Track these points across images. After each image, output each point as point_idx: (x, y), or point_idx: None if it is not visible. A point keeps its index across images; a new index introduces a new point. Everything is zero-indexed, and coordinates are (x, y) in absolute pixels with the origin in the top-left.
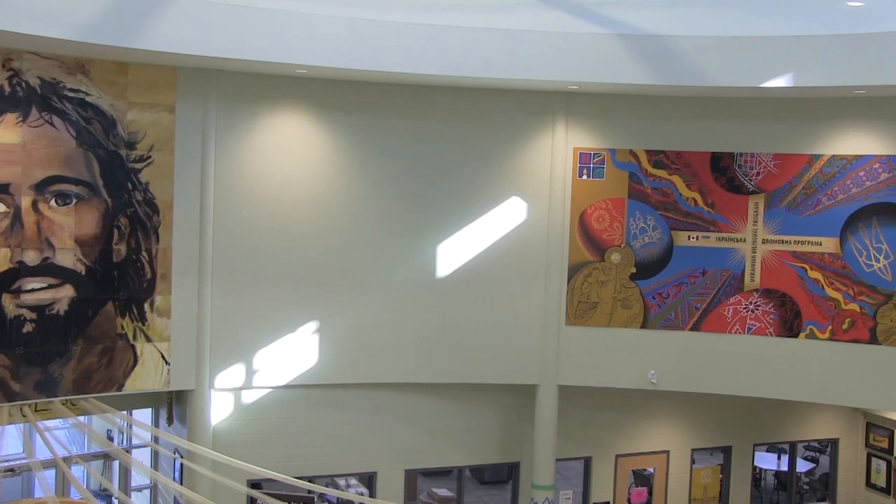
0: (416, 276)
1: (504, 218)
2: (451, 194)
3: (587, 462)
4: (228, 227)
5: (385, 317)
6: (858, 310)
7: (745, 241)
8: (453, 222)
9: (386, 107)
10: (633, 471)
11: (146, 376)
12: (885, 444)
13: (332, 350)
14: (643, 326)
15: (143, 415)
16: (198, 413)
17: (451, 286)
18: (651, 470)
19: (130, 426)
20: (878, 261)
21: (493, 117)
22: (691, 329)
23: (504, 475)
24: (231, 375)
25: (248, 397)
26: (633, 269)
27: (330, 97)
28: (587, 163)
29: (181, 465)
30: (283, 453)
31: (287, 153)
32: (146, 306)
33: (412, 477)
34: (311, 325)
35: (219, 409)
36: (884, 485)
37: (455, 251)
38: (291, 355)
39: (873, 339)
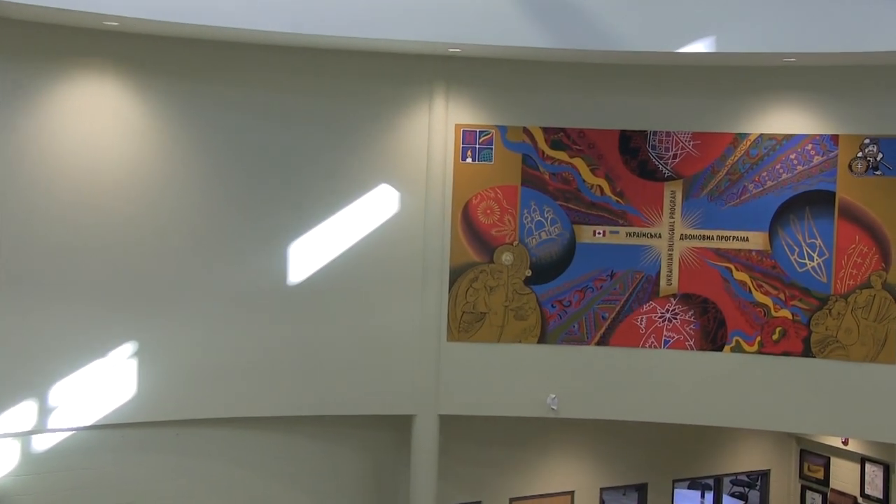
0: (261, 283)
1: (371, 210)
2: (305, 181)
3: None
4: (13, 221)
5: (223, 336)
6: (790, 317)
7: (660, 236)
8: (308, 216)
9: (223, 73)
10: None
11: None
12: (820, 475)
13: (156, 379)
14: (541, 341)
15: None
16: None
17: (305, 295)
18: None
19: None
20: (811, 259)
21: (356, 87)
22: (598, 343)
23: None
24: (17, 416)
25: (42, 444)
26: (528, 272)
27: (151, 59)
28: (472, 143)
29: None
30: None
31: (95, 129)
32: None
33: None
34: (128, 349)
35: (0, 461)
36: None
37: (311, 252)
38: (101, 387)
39: (807, 352)
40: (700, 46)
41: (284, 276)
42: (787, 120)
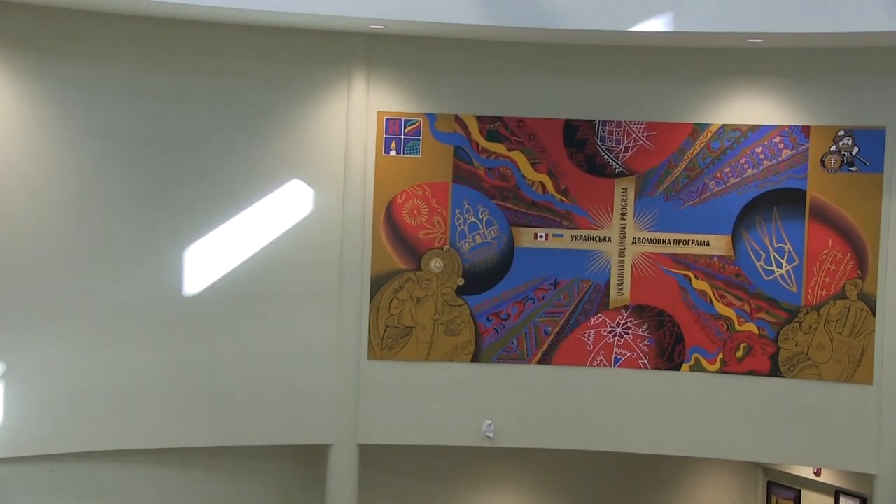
0: (153, 294)
1: (281, 210)
2: (204, 176)
3: None
4: None
5: (107, 355)
6: (756, 331)
7: (610, 240)
8: (208, 217)
9: (107, 50)
10: None
11: None
12: None
13: (24, 407)
14: (475, 360)
15: None
16: None
17: (204, 308)
18: None
19: None
20: (779, 266)
21: (262, 69)
22: (539, 362)
23: None
24: None
25: None
26: (461, 281)
27: (23, 31)
28: (396, 133)
29: None
30: None
31: None
32: None
33: None
34: None
35: None
36: None
37: (211, 258)
38: None
39: (775, 371)
40: (655, 25)
41: (180, 286)
42: (752, 109)
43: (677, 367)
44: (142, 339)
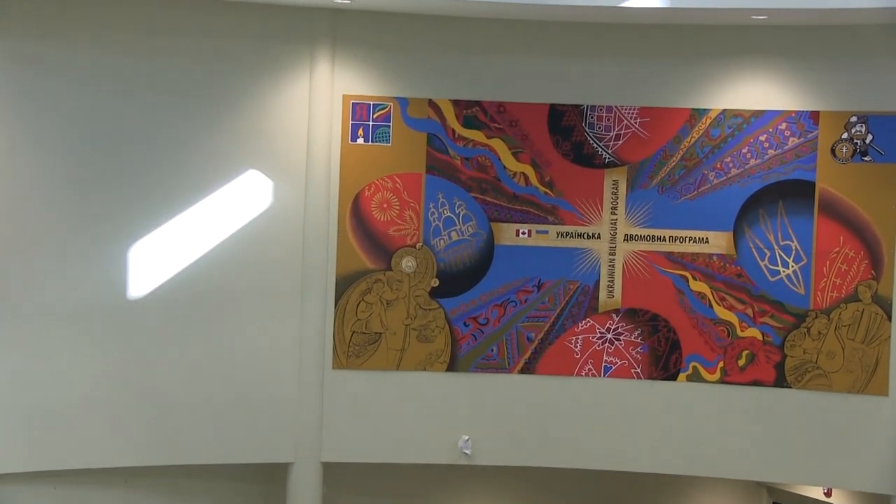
0: (93, 297)
1: (236, 204)
2: (150, 168)
3: None
4: None
5: (42, 365)
6: (760, 337)
7: (599, 237)
8: (155, 211)
9: (37, 25)
10: None
11: None
12: None
13: None
14: (450, 369)
15: None
16: None
17: (151, 312)
18: None
19: None
20: (785, 265)
21: (216, 48)
22: (522, 371)
23: None
24: None
25: None
26: (435, 282)
27: None
28: (364, 119)
29: None
30: None
31: None
32: None
33: None
34: None
35: None
36: None
37: (159, 257)
38: None
39: (780, 381)
40: (650, 0)
41: (123, 288)
42: (756, 93)
43: (673, 377)
44: (81, 348)
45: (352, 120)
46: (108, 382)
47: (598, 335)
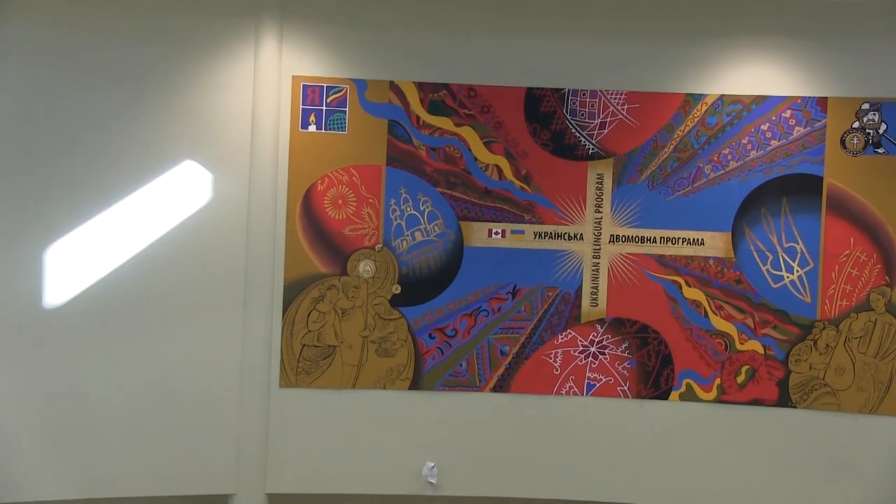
0: (2, 306)
1: (171, 199)
2: (70, 158)
3: None
4: None
5: None
6: (761, 351)
7: (581, 238)
8: (75, 208)
9: None
10: None
11: None
12: None
13: None
14: (414, 387)
15: None
16: None
17: (71, 323)
18: None
19: None
20: (790, 270)
21: (147, 22)
22: (494, 390)
23: None
24: None
25: None
26: (397, 289)
27: None
28: (317, 104)
29: None
30: None
31: None
32: None
33: None
34: None
35: None
36: None
37: (79, 260)
38: None
39: (784, 400)
40: None
41: (38, 296)
42: (757, 76)
43: (665, 396)
44: None
45: (302, 104)
46: (20, 404)
47: (581, 349)
